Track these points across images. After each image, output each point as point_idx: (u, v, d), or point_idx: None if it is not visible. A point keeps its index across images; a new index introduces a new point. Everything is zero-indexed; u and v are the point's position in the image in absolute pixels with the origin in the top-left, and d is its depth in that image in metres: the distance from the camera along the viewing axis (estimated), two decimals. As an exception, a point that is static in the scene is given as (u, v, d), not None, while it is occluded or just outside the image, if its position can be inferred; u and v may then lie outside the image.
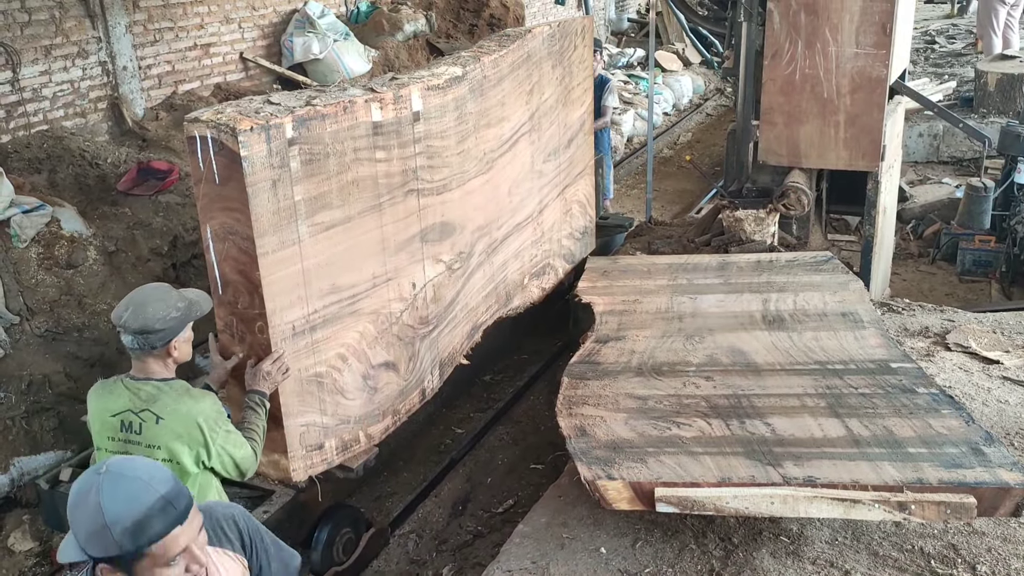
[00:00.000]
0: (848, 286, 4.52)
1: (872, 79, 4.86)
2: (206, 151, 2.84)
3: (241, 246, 2.93)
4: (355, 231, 3.35)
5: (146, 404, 2.72)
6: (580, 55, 5.14)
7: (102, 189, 6.33)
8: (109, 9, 6.83)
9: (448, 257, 4.03)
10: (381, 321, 3.58)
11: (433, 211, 3.85)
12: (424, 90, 3.66)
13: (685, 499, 2.87)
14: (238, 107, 3.00)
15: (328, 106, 3.14)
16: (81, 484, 1.64)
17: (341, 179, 3.24)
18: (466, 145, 4.05)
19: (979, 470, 2.86)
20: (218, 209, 2.93)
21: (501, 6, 11.11)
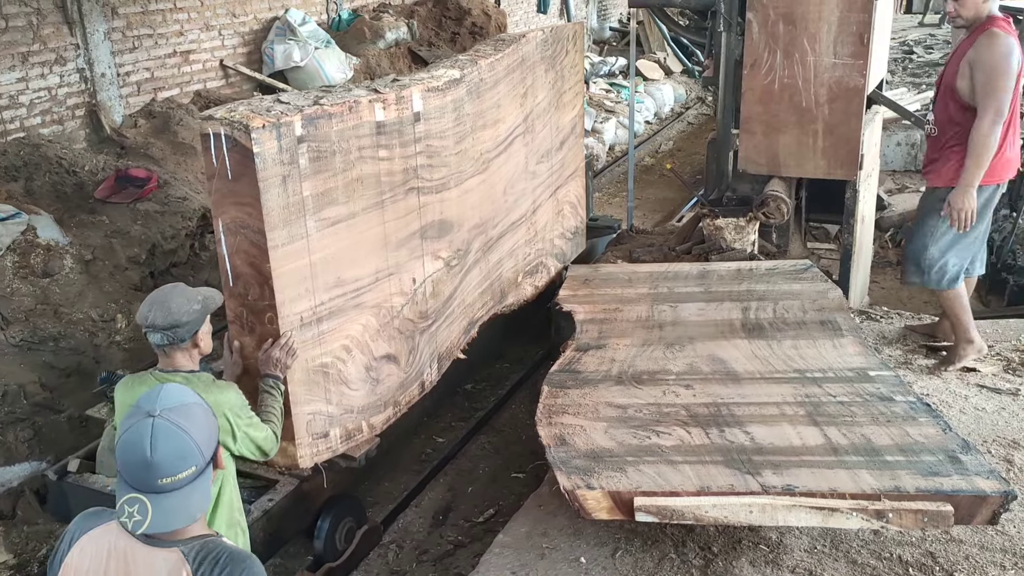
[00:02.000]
0: (827, 294, 4.54)
1: (850, 89, 4.90)
2: (219, 148, 2.93)
3: (252, 239, 3.04)
4: (359, 227, 3.46)
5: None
6: (571, 60, 5.28)
7: (80, 197, 6.28)
8: (87, 16, 6.79)
9: (446, 254, 4.14)
10: (383, 315, 3.69)
11: (432, 209, 3.95)
12: (424, 91, 3.77)
13: (664, 508, 2.86)
14: (250, 106, 3.10)
15: (335, 105, 3.24)
16: None
17: (346, 176, 3.35)
18: (464, 145, 4.16)
19: (956, 478, 2.87)
20: (230, 204, 3.03)
21: (483, 14, 11.14)
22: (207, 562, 1.82)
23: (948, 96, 4.23)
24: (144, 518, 1.78)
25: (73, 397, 5.26)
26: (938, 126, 4.31)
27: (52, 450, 5.01)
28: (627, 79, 10.35)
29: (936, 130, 4.33)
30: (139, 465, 1.79)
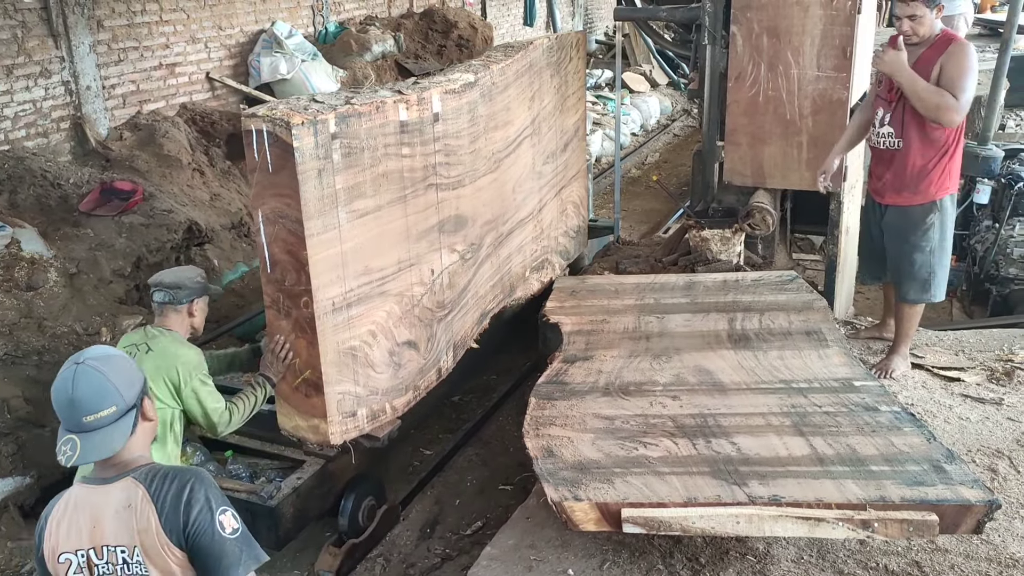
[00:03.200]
0: (812, 305, 4.57)
1: (833, 101, 4.94)
2: (261, 143, 3.16)
3: (290, 228, 3.24)
4: (384, 219, 3.67)
5: (147, 341, 3.29)
6: (575, 66, 5.54)
7: (64, 210, 6.25)
8: (73, 28, 6.77)
9: (461, 247, 4.34)
10: (405, 303, 3.89)
11: (449, 204, 4.16)
12: (443, 93, 3.98)
13: (651, 519, 2.86)
14: (289, 104, 3.33)
15: (364, 105, 3.46)
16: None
17: (373, 171, 3.56)
18: (477, 145, 4.38)
19: (941, 487, 2.88)
20: (270, 195, 3.24)
21: (469, 27, 11.18)
22: (157, 479, 2.09)
23: None
24: (74, 453, 2.06)
25: (57, 411, 5.22)
26: (905, 139, 4.24)
27: (35, 465, 4.96)
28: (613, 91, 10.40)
29: (901, 143, 4.26)
30: (64, 404, 2.07)
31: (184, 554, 2.08)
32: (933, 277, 4.36)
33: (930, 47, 4.16)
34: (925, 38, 4.19)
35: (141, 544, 2.07)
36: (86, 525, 2.13)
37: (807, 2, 4.86)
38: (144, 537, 2.07)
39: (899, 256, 4.40)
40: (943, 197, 4.26)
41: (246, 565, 2.11)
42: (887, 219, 4.41)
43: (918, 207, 4.26)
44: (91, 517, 2.12)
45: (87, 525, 2.13)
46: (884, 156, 4.37)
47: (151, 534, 2.06)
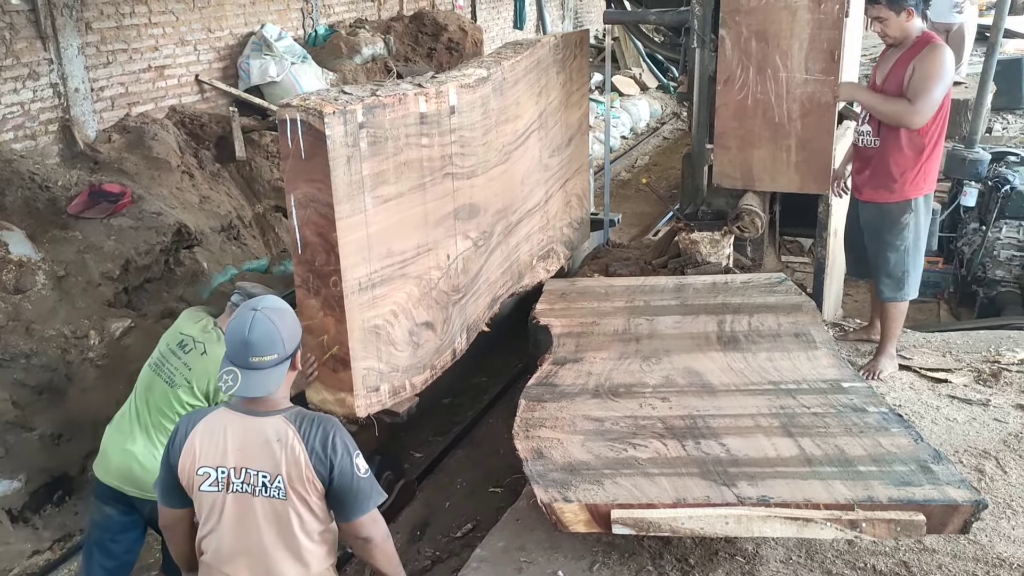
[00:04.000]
0: (801, 307, 4.58)
1: (821, 104, 4.96)
2: (295, 132, 3.34)
3: (321, 211, 3.41)
4: (405, 205, 3.85)
5: (204, 340, 3.51)
6: (579, 63, 5.77)
7: (52, 212, 6.22)
8: (61, 31, 6.74)
9: (474, 235, 4.53)
10: (423, 285, 4.07)
11: (463, 193, 4.34)
12: (458, 87, 4.17)
13: (641, 520, 2.87)
14: (320, 95, 3.51)
15: (388, 97, 3.65)
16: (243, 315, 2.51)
17: (396, 159, 3.74)
18: (489, 137, 4.57)
19: (928, 488, 2.90)
20: (302, 181, 3.41)
21: (459, 30, 11.18)
22: (305, 423, 2.48)
23: None
24: (235, 384, 2.42)
25: (45, 415, 5.19)
26: (882, 138, 4.34)
27: (23, 469, 4.94)
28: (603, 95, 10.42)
29: (878, 142, 4.36)
30: (238, 343, 2.44)
31: (324, 488, 2.48)
32: (907, 276, 4.43)
33: (909, 48, 4.25)
34: (898, 40, 4.29)
35: (287, 474, 2.44)
36: (231, 447, 2.46)
37: (795, 6, 4.88)
38: (292, 468, 2.44)
39: (875, 253, 4.48)
40: (918, 197, 4.34)
41: (374, 500, 2.56)
42: (864, 216, 4.51)
43: (893, 205, 4.35)
44: (239, 441, 2.47)
45: (232, 447, 2.46)
46: (863, 154, 4.50)
47: (299, 467, 2.44)
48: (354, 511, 2.53)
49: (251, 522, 2.50)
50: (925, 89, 4.10)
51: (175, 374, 3.50)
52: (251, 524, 2.50)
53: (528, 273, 5.37)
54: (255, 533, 2.51)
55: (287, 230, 7.70)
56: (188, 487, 2.54)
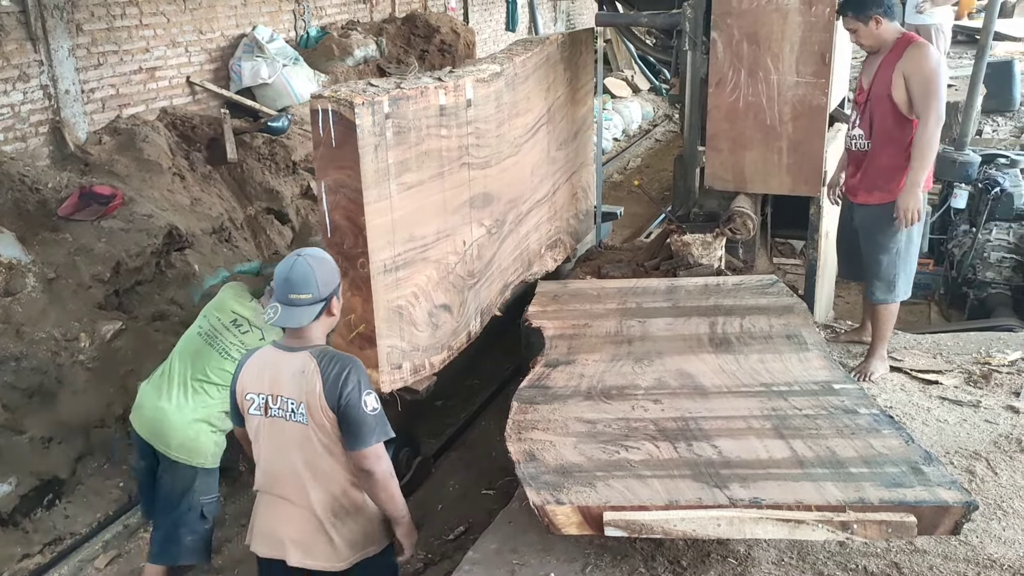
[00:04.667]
0: (793, 309, 4.60)
1: (812, 107, 4.98)
2: (326, 121, 3.54)
3: (350, 197, 3.63)
4: (425, 192, 4.08)
5: (262, 328, 3.80)
6: (584, 60, 6.06)
7: (42, 214, 6.19)
8: (51, 32, 6.71)
9: (488, 222, 4.77)
10: (441, 269, 4.30)
11: (478, 183, 4.58)
12: (475, 82, 4.40)
13: (633, 523, 2.87)
14: (349, 87, 3.72)
15: (411, 89, 3.88)
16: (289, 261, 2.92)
17: (417, 149, 3.96)
18: (502, 130, 4.81)
19: (919, 489, 2.91)
20: (332, 168, 3.62)
21: (452, 32, 11.17)
22: (326, 359, 2.85)
23: (884, 111, 4.29)
24: (275, 316, 2.84)
25: (35, 418, 5.17)
26: (873, 141, 4.37)
27: (13, 472, 4.91)
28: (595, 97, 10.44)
29: (869, 145, 4.39)
30: (281, 281, 2.87)
31: (335, 416, 2.82)
32: (898, 278, 4.45)
33: (889, 52, 4.28)
34: (875, 47, 4.33)
35: (307, 401, 2.82)
36: (269, 377, 2.91)
37: (786, 8, 4.90)
38: (310, 397, 2.82)
39: (867, 255, 4.49)
40: None
41: (378, 436, 2.86)
42: (858, 218, 4.52)
43: (886, 206, 4.35)
44: (274, 372, 2.90)
45: (269, 377, 2.90)
46: (856, 157, 4.52)
47: (315, 396, 2.81)
48: (357, 442, 2.84)
49: (285, 444, 2.91)
50: (929, 94, 4.11)
51: (230, 349, 3.84)
52: (285, 446, 2.91)
53: (537, 261, 5.60)
54: (288, 454, 2.91)
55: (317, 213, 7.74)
56: (241, 410, 3.01)
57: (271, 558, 3.03)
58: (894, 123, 4.26)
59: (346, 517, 2.97)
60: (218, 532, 4.32)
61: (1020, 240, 6.97)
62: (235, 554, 4.66)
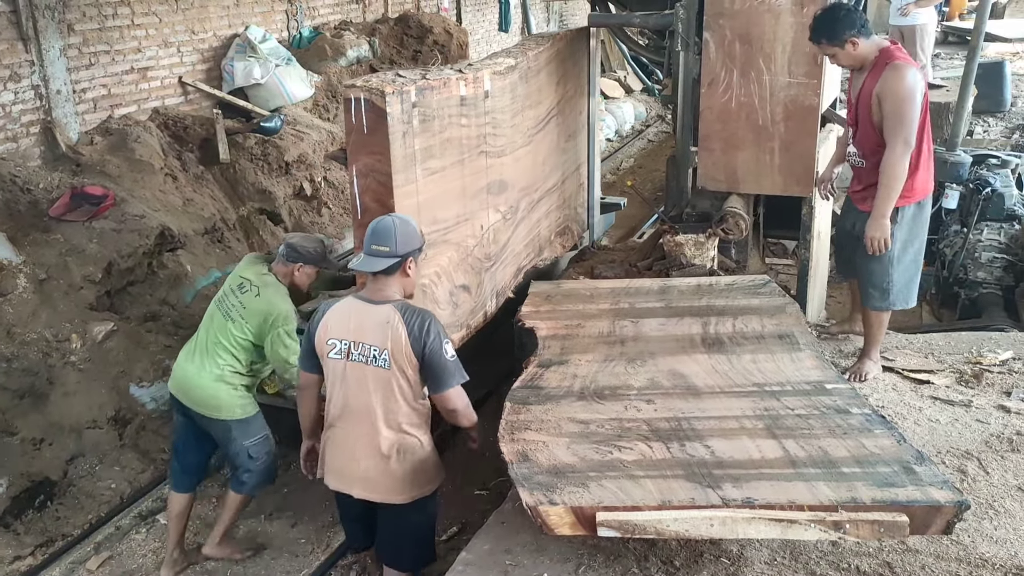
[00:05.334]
0: (785, 309, 4.61)
1: (804, 107, 4.99)
2: (358, 109, 3.73)
3: (380, 180, 3.82)
4: (447, 178, 4.30)
5: (260, 284, 4.12)
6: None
7: (33, 215, 6.16)
8: (43, 32, 6.68)
9: (503, 208, 5.00)
10: (461, 251, 4.53)
11: (494, 170, 4.80)
12: (492, 74, 4.62)
13: (626, 523, 2.87)
14: (380, 78, 3.98)
15: (435, 80, 4.11)
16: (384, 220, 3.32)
17: (441, 137, 4.18)
18: (516, 120, 5.04)
19: (911, 489, 2.92)
20: (363, 153, 3.81)
21: (445, 32, 11.17)
22: (408, 312, 3.22)
23: (869, 130, 4.28)
24: (358, 262, 3.26)
25: (27, 419, 5.15)
26: (865, 158, 4.37)
27: (4, 473, 4.89)
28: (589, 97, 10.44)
29: (864, 162, 4.40)
30: (367, 233, 3.27)
31: (418, 363, 3.22)
32: (892, 286, 4.42)
33: (872, 70, 4.24)
34: (856, 66, 4.30)
35: (391, 349, 3.19)
36: (353, 325, 3.25)
37: (778, 9, 4.91)
38: (395, 345, 3.19)
39: (861, 263, 4.49)
40: (904, 206, 4.32)
41: (456, 379, 3.29)
42: (860, 225, 4.49)
43: None
44: (358, 321, 3.24)
45: (353, 325, 3.25)
46: (855, 171, 4.56)
47: (400, 344, 3.18)
48: (440, 385, 3.26)
49: (363, 386, 3.25)
50: (898, 120, 4.07)
51: (232, 310, 4.11)
52: (363, 387, 3.25)
53: (547, 247, 5.85)
54: (366, 395, 3.26)
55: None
56: (320, 354, 3.32)
57: (341, 491, 3.47)
58: (879, 143, 4.24)
59: (407, 456, 3.35)
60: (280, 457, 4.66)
61: (1011, 240, 6.99)
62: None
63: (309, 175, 8.37)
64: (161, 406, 5.68)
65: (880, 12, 16.42)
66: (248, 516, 4.97)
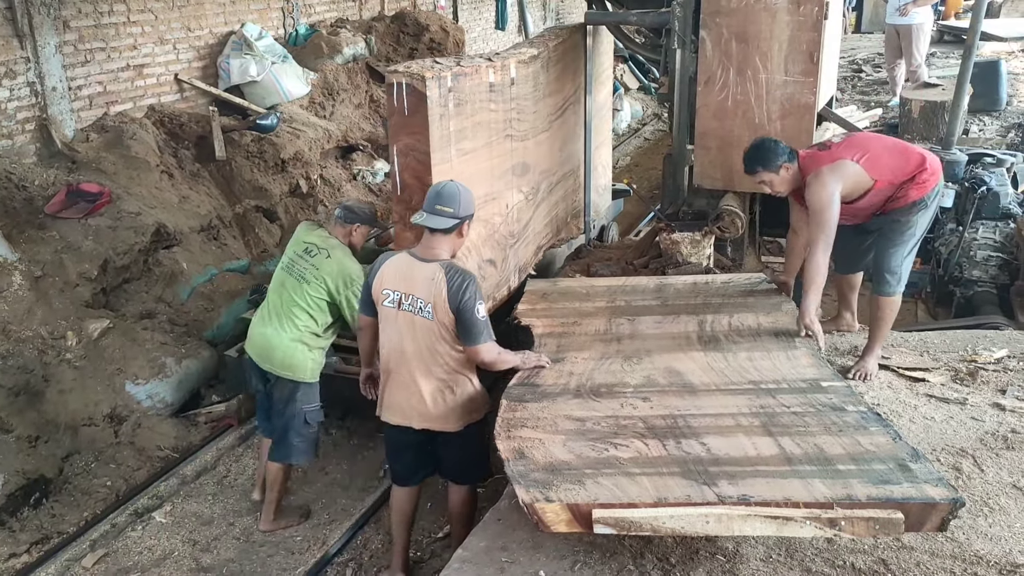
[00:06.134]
0: (781, 307, 4.61)
1: (801, 105, 5.00)
2: (400, 93, 4.05)
3: (419, 159, 4.14)
4: (478, 158, 4.63)
5: (327, 247, 4.45)
6: (605, 48, 6.66)
7: (29, 212, 6.16)
8: (38, 29, 6.67)
9: (526, 189, 5.35)
10: (489, 228, 4.86)
11: (518, 153, 5.15)
12: (517, 63, 4.97)
13: (622, 520, 2.87)
14: (419, 64, 4.27)
15: (468, 67, 4.44)
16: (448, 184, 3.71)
17: (472, 120, 4.51)
18: (538, 107, 5.38)
19: (906, 486, 2.92)
20: (404, 133, 4.14)
21: (441, 30, 11.16)
22: (451, 271, 3.60)
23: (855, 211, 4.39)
24: (422, 219, 3.62)
25: (22, 416, 5.14)
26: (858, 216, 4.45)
27: (1, 470, 4.88)
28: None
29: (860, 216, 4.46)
30: (432, 195, 3.65)
31: (453, 318, 3.59)
32: (904, 271, 4.48)
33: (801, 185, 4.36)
34: (790, 189, 4.42)
35: (434, 303, 3.59)
36: (405, 278, 3.66)
37: (775, 8, 4.92)
38: (437, 299, 3.58)
39: (881, 252, 4.49)
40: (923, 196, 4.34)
41: (484, 337, 3.64)
42: (875, 225, 4.50)
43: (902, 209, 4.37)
44: (410, 275, 3.65)
45: (405, 278, 3.66)
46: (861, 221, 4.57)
47: (441, 298, 3.57)
48: (471, 339, 3.63)
49: (413, 333, 3.67)
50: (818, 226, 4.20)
51: (305, 273, 4.42)
52: (413, 334, 3.67)
53: (564, 228, 6.22)
54: (416, 341, 3.67)
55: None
56: (376, 301, 3.76)
57: (399, 425, 3.85)
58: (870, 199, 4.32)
59: (456, 390, 3.77)
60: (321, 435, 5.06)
61: (1006, 239, 7.00)
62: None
63: (305, 172, 8.36)
64: (157, 403, 5.68)
65: (876, 11, 16.49)
66: (245, 513, 4.97)
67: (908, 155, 4.37)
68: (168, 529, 4.86)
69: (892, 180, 4.29)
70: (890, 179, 4.28)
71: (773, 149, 4.35)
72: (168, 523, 4.91)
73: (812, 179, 4.25)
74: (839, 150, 4.32)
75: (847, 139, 4.50)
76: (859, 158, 4.26)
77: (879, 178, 4.27)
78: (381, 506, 4.90)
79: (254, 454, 5.53)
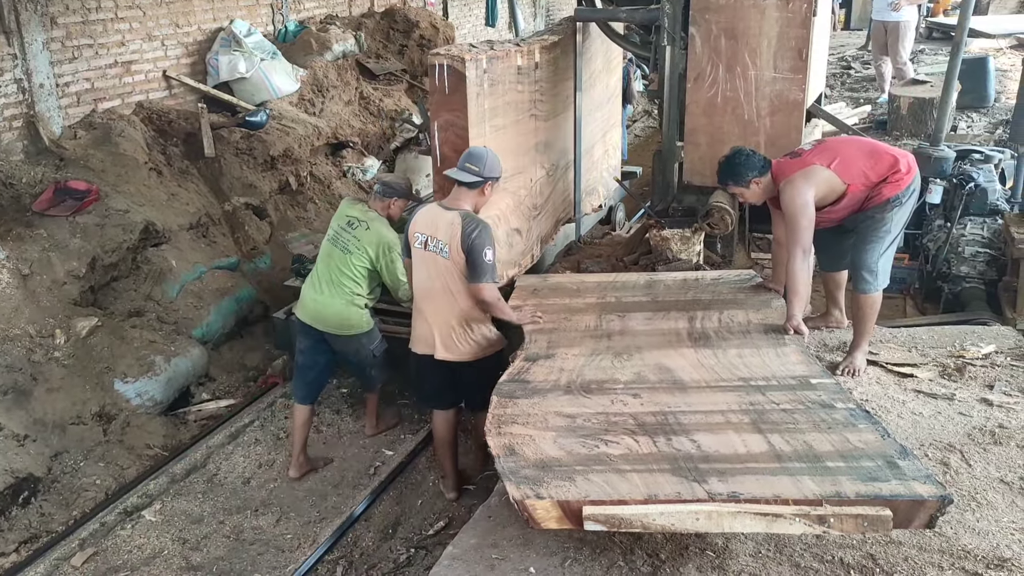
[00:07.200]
0: (770, 303, 4.63)
1: (790, 102, 5.02)
2: (441, 73, 4.53)
3: (458, 133, 4.62)
4: (507, 135, 5.10)
5: (366, 219, 4.88)
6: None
7: (16, 210, 6.12)
8: (25, 26, 6.62)
9: (547, 166, 5.86)
10: (516, 200, 5.34)
11: (541, 132, 5.65)
12: (540, 48, 5.44)
13: (612, 517, 2.88)
14: (458, 47, 4.74)
15: (500, 51, 4.95)
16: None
17: (503, 99, 4.98)
18: (557, 90, 5.88)
19: (894, 483, 2.93)
20: (444, 111, 4.63)
21: (431, 27, 11.13)
22: (467, 219, 4.14)
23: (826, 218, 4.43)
24: (453, 173, 4.20)
25: (10, 415, 5.11)
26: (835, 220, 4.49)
27: (-12, 470, 4.85)
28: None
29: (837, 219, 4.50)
30: (465, 154, 4.27)
31: (463, 257, 4.12)
32: (879, 267, 4.50)
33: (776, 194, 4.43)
34: (762, 200, 4.52)
35: (450, 244, 4.13)
36: (431, 222, 4.23)
37: (764, 4, 4.93)
38: (453, 241, 4.12)
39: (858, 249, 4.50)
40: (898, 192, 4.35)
41: (488, 277, 4.17)
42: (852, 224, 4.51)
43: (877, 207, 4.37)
44: (435, 221, 4.22)
45: (431, 223, 4.23)
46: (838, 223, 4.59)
47: (456, 240, 4.11)
48: (475, 277, 4.15)
49: (436, 271, 4.23)
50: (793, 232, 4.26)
51: (349, 244, 4.85)
52: (437, 272, 4.23)
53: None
54: (439, 279, 4.24)
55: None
56: (411, 244, 4.32)
57: (424, 354, 4.40)
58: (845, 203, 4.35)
59: (474, 325, 4.32)
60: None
61: (994, 235, 7.03)
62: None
63: (295, 169, 8.33)
64: (146, 401, 5.66)
65: (864, 8, 16.52)
66: (235, 511, 4.96)
67: (880, 157, 4.39)
68: (158, 527, 4.85)
69: (865, 183, 4.32)
70: (863, 182, 4.32)
71: (744, 163, 4.42)
72: (158, 521, 4.89)
73: (784, 186, 4.31)
74: (810, 156, 4.37)
75: (818, 145, 4.54)
76: (831, 163, 4.30)
77: (851, 182, 4.31)
78: (372, 504, 4.90)
79: (244, 452, 5.52)
